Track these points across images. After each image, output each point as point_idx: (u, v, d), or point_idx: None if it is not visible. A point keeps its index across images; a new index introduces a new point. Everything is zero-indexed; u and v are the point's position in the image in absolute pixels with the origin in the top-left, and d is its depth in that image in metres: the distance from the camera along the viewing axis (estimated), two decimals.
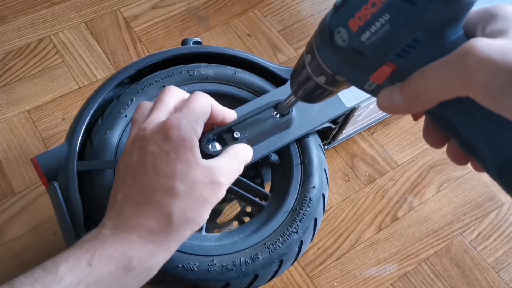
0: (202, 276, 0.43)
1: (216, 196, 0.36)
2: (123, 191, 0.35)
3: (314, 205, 0.48)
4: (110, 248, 0.32)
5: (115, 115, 0.49)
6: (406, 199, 0.71)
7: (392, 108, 0.28)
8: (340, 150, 0.75)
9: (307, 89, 0.35)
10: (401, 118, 0.79)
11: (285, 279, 0.64)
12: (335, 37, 0.28)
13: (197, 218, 0.35)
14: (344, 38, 0.27)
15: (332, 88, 0.33)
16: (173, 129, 0.34)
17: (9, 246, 0.62)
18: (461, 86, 0.23)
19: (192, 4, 0.88)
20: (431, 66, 0.25)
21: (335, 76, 0.31)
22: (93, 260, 0.31)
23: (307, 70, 0.33)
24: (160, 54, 0.54)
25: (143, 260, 0.33)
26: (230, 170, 0.38)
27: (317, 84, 0.33)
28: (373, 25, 0.26)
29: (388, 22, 0.25)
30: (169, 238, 0.34)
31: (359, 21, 0.26)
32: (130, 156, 0.36)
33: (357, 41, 0.27)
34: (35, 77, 0.76)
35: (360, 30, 0.26)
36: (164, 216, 0.33)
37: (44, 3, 0.84)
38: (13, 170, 0.68)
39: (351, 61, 0.28)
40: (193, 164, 0.34)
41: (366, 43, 0.27)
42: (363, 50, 0.27)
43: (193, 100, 0.37)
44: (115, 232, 0.33)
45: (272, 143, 0.48)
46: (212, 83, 0.53)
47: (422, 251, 0.68)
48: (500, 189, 0.74)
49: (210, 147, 0.42)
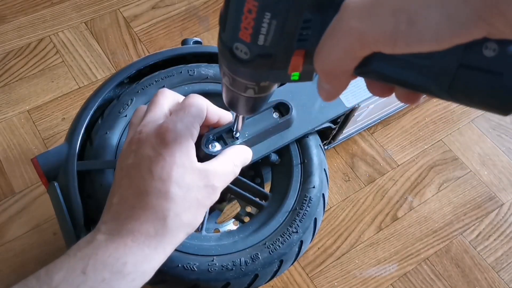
0: (202, 276, 0.43)
1: (210, 199, 0.36)
2: (119, 194, 0.35)
3: (314, 205, 0.48)
4: (104, 255, 0.32)
5: (115, 115, 0.49)
6: (406, 199, 0.71)
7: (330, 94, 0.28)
8: (340, 150, 0.75)
9: (244, 105, 0.34)
10: (401, 118, 0.79)
11: (285, 279, 0.64)
12: (236, 53, 0.27)
13: (191, 221, 0.35)
14: (244, 50, 0.27)
15: (264, 94, 0.33)
16: (169, 133, 0.34)
17: (9, 246, 0.62)
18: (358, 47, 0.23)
19: (192, 4, 0.88)
20: (322, 42, 0.25)
21: (260, 84, 0.31)
22: (87, 268, 0.31)
23: (233, 91, 0.32)
24: (160, 54, 0.54)
25: (138, 265, 0.33)
26: (225, 173, 0.38)
27: (249, 97, 0.33)
28: (262, 28, 0.25)
29: (272, 18, 0.25)
30: (164, 241, 0.34)
31: (247, 31, 0.26)
32: (126, 159, 0.36)
33: (256, 48, 0.26)
34: (35, 77, 0.76)
35: (253, 38, 0.26)
36: (159, 220, 0.33)
37: (44, 3, 0.84)
38: (13, 170, 0.68)
39: (264, 65, 0.28)
40: (188, 168, 0.34)
41: (266, 45, 0.26)
42: (268, 52, 0.27)
43: (189, 103, 0.37)
44: (109, 238, 0.33)
45: (272, 143, 0.48)
46: (212, 83, 0.53)
47: (422, 251, 0.68)
48: (500, 189, 0.74)
49: (210, 147, 0.42)
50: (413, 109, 0.80)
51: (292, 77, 0.29)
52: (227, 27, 0.27)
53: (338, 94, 0.28)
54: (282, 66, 0.28)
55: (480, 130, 0.79)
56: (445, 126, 0.79)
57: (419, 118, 0.79)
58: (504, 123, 0.80)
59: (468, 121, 0.80)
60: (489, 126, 0.80)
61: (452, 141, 0.78)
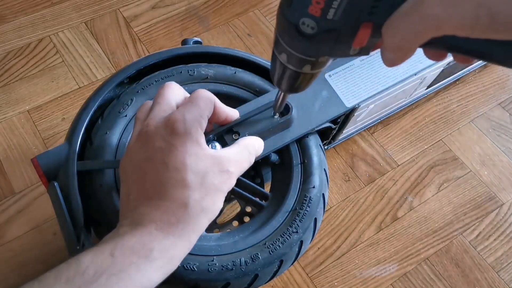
0: (202, 276, 0.43)
1: (227, 184, 0.36)
2: (135, 189, 0.35)
3: (314, 205, 0.48)
4: (131, 241, 0.32)
5: (115, 115, 0.49)
6: (406, 199, 0.71)
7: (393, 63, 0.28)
8: (340, 150, 0.75)
9: (296, 81, 0.34)
10: (401, 118, 0.79)
11: (285, 279, 0.64)
12: (302, 28, 0.27)
13: (211, 207, 0.35)
14: (312, 25, 0.27)
15: (319, 69, 0.33)
16: (179, 123, 0.34)
17: (9, 246, 0.62)
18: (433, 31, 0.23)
19: (192, 4, 0.88)
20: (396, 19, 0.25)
21: (318, 59, 0.31)
22: (115, 251, 0.31)
23: (289, 67, 0.32)
24: (160, 54, 0.54)
25: (164, 252, 0.33)
26: (240, 159, 0.38)
27: (305, 73, 0.33)
28: (334, 1, 0.25)
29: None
30: (188, 229, 0.34)
31: (318, 5, 0.26)
32: (136, 153, 0.36)
33: (325, 22, 0.26)
34: (35, 77, 0.77)
35: (323, 12, 0.26)
36: (180, 208, 0.34)
37: (44, 3, 0.84)
38: (13, 170, 0.68)
39: (329, 40, 0.28)
40: (201, 155, 0.35)
41: (335, 19, 0.26)
42: (336, 27, 0.26)
43: (197, 97, 0.37)
44: (133, 227, 0.33)
45: (272, 143, 0.48)
46: (212, 83, 0.53)
47: (422, 251, 0.68)
48: (500, 189, 0.74)
49: (210, 147, 0.42)
50: (413, 109, 0.80)
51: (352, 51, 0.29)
52: (294, 2, 0.27)
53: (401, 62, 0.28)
54: (347, 40, 0.28)
55: (480, 130, 0.79)
56: (445, 126, 0.79)
57: (419, 118, 0.79)
58: (504, 123, 0.80)
59: (468, 121, 0.80)
60: (489, 126, 0.80)
61: (452, 141, 0.78)
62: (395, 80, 0.58)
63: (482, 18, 0.21)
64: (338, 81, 0.55)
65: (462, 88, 0.83)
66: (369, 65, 0.57)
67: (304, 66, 0.32)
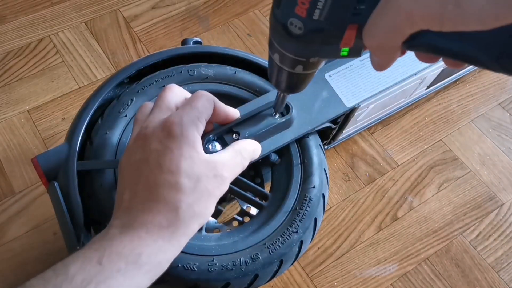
0: (202, 276, 0.43)
1: (220, 189, 0.36)
2: (129, 189, 0.35)
3: (314, 205, 0.48)
4: (119, 246, 0.32)
5: (115, 115, 0.49)
6: (406, 199, 0.71)
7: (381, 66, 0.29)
8: (340, 150, 0.75)
9: (291, 82, 0.35)
10: (401, 118, 0.79)
11: (285, 279, 0.64)
12: (290, 29, 0.28)
13: (203, 211, 0.35)
14: (299, 26, 0.28)
15: (312, 70, 0.34)
16: (176, 126, 0.35)
17: (9, 246, 0.62)
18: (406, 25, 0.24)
19: (192, 4, 0.88)
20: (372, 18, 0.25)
21: (309, 60, 0.31)
22: (103, 258, 0.31)
23: (283, 68, 0.33)
24: (160, 54, 0.54)
25: (152, 256, 0.33)
26: (233, 164, 0.38)
27: (298, 74, 0.34)
28: (319, 2, 0.26)
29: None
30: (178, 232, 0.34)
31: (304, 6, 0.26)
32: (134, 154, 0.36)
33: (311, 23, 0.27)
34: (35, 77, 0.77)
35: (309, 12, 0.27)
36: (172, 211, 0.34)
37: (44, 3, 0.84)
38: (13, 170, 0.68)
39: (316, 41, 0.29)
40: (196, 159, 0.35)
41: (321, 20, 0.27)
42: (322, 27, 0.27)
43: (196, 99, 0.37)
44: (123, 231, 0.33)
45: (272, 143, 0.48)
46: (212, 83, 0.53)
47: (422, 251, 0.68)
48: (500, 189, 0.74)
49: (210, 147, 0.42)
50: (413, 109, 0.80)
51: (341, 52, 0.30)
52: (282, 3, 0.27)
53: (388, 65, 0.29)
54: (334, 41, 0.29)
55: (480, 130, 0.79)
56: (445, 126, 0.79)
57: (419, 118, 0.79)
58: (504, 123, 0.80)
59: (468, 121, 0.80)
60: (489, 126, 0.80)
61: (452, 141, 0.78)
62: (395, 80, 0.58)
63: (448, 6, 0.22)
64: (338, 81, 0.55)
65: (462, 88, 0.83)
66: (369, 65, 0.57)
67: (296, 67, 0.32)
